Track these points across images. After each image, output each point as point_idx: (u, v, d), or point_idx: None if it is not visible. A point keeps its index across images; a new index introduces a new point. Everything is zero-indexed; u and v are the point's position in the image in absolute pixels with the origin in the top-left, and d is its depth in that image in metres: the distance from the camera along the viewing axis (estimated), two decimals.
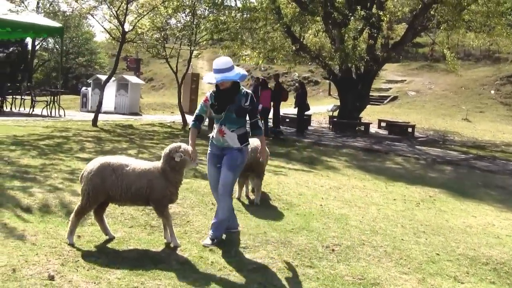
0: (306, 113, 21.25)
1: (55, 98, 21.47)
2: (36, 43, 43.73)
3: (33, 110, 21.00)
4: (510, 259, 6.60)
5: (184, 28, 19.91)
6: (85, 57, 48.80)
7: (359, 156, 15.37)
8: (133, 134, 15.76)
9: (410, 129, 23.56)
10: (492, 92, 37.36)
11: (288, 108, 25.20)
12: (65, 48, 43.16)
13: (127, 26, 18.90)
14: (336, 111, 24.63)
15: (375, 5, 22.54)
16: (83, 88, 28.08)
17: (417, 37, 29.41)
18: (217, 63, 5.99)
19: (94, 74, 34.81)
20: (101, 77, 25.95)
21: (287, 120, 23.20)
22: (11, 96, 22.44)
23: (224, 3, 21.24)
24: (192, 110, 21.64)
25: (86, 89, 26.87)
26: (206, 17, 20.48)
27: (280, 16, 21.53)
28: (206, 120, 7.67)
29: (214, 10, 20.81)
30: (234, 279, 5.17)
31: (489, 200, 10.63)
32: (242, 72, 6.12)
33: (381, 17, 21.73)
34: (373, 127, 24.66)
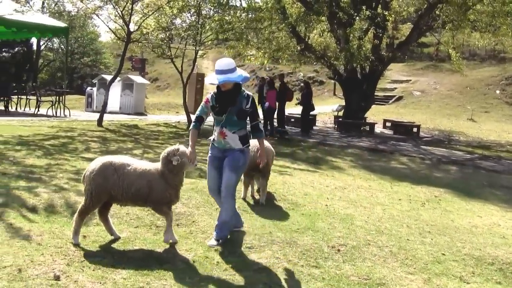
0: (311, 113, 21.21)
1: (60, 98, 21.55)
2: (41, 43, 43.70)
3: (38, 110, 21.06)
4: None
5: (189, 28, 19.93)
6: (90, 57, 48.82)
7: (364, 156, 15.34)
8: (138, 134, 15.79)
9: (415, 129, 23.49)
10: (497, 92, 37.27)
11: (293, 108, 25.18)
12: (70, 48, 43.20)
13: (132, 26, 18.97)
14: (341, 111, 24.62)
15: (380, 5, 22.48)
16: (88, 88, 28.18)
17: (422, 37, 29.26)
18: (219, 64, 5.97)
19: (99, 74, 34.85)
20: (106, 77, 25.99)
21: (292, 120, 23.18)
22: (16, 96, 22.52)
23: (229, 3, 21.28)
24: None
25: (91, 89, 26.94)
26: (211, 17, 20.48)
27: (285, 16, 21.52)
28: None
29: (219, 10, 20.82)
30: (240, 279, 5.17)
31: (494, 200, 10.60)
32: (244, 74, 6.10)
33: (386, 17, 21.68)
34: (378, 127, 24.64)
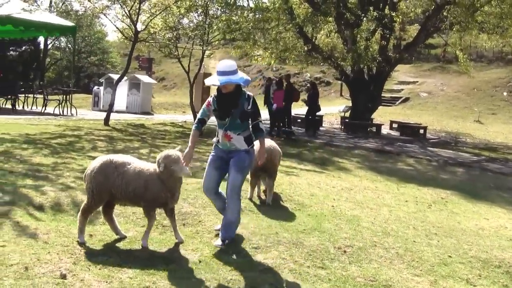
0: (317, 113, 21.16)
1: (67, 97, 21.61)
2: (49, 42, 43.87)
3: (45, 109, 21.13)
4: None
5: (196, 27, 19.95)
6: (97, 56, 48.93)
7: (371, 157, 15.32)
8: (145, 134, 15.81)
9: (422, 130, 23.42)
10: (505, 94, 37.12)
11: (300, 109, 25.15)
12: (77, 47, 43.28)
13: (139, 26, 19.00)
14: (348, 112, 24.58)
15: (387, 6, 22.43)
16: (95, 87, 28.23)
17: (430, 38, 29.23)
18: (221, 65, 5.95)
19: (106, 73, 34.92)
20: (113, 76, 26.05)
21: (299, 120, 23.16)
22: (23, 95, 22.58)
23: (236, 3, 21.27)
24: None
25: (98, 88, 27.00)
26: (218, 17, 20.49)
27: (293, 16, 21.51)
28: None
29: (227, 10, 20.82)
30: (246, 280, 5.16)
31: (501, 203, 10.56)
32: (245, 76, 6.08)
33: (393, 18, 21.62)
34: (385, 128, 24.59)
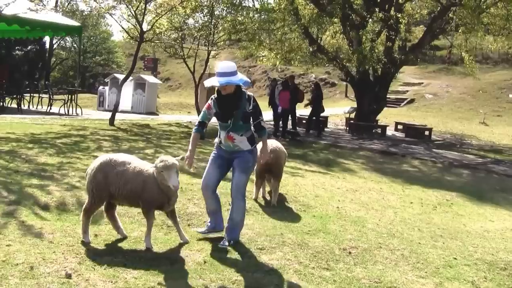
0: (321, 114, 21.11)
1: (73, 96, 21.65)
2: (54, 41, 43.98)
3: (50, 109, 21.19)
4: None
5: (202, 28, 20.00)
6: (102, 56, 49.02)
7: (376, 159, 15.28)
8: (150, 134, 15.81)
9: (427, 132, 23.36)
10: (510, 96, 37.03)
11: (305, 110, 25.12)
12: (83, 47, 43.38)
13: (145, 26, 19.00)
14: (353, 113, 24.52)
15: (393, 7, 22.41)
16: (100, 87, 28.28)
17: (435, 39, 29.18)
18: (221, 66, 5.94)
19: (111, 73, 34.96)
20: (119, 76, 26.09)
21: (304, 121, 23.12)
22: (29, 94, 22.64)
23: (242, 4, 21.30)
24: None
25: (103, 88, 27.05)
26: (224, 18, 20.53)
27: (298, 17, 21.47)
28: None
29: (232, 10, 20.85)
30: (251, 280, 5.16)
31: (507, 205, 10.50)
32: (245, 78, 6.06)
33: (399, 20, 21.57)
34: (390, 130, 24.53)
